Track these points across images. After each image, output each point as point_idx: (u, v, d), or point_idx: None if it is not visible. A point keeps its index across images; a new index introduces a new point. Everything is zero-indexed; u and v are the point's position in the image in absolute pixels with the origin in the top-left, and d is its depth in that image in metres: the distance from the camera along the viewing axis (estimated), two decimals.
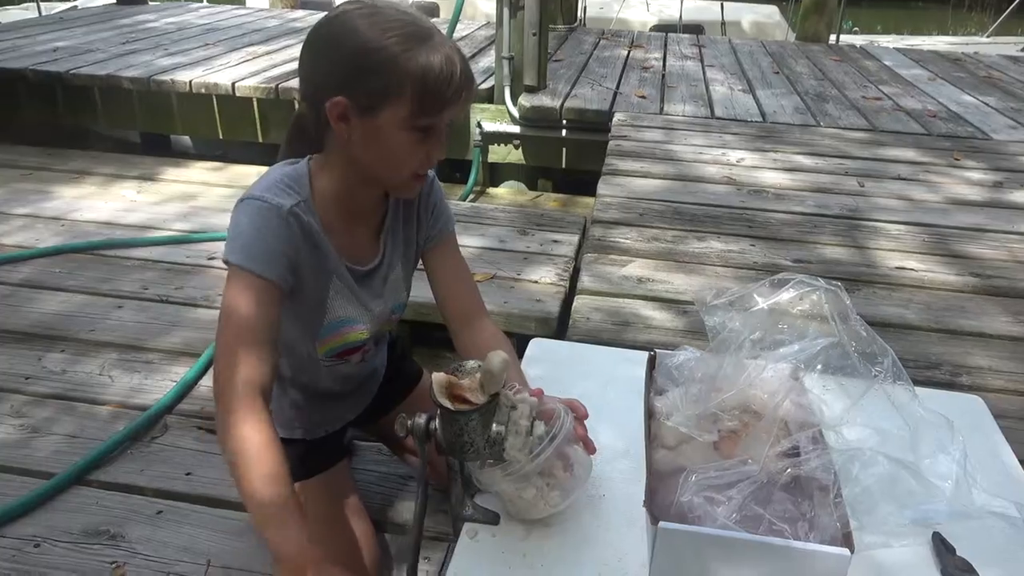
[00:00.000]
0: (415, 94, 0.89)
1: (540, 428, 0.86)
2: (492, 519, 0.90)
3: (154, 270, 2.28)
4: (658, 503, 0.90)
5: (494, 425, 0.85)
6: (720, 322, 1.01)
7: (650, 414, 1.03)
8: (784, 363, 0.98)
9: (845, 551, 0.79)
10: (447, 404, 0.81)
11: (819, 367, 0.96)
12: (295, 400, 1.20)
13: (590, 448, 0.93)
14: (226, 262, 0.93)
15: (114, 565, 1.30)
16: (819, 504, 0.87)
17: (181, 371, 1.79)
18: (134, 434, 1.58)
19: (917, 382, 0.96)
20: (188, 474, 1.49)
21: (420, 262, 1.18)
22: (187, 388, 1.74)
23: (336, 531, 1.19)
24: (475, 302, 1.16)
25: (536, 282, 2.17)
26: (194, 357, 1.85)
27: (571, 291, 2.22)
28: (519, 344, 2.07)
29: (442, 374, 0.83)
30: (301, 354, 1.11)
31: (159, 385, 1.75)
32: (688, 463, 0.98)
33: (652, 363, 1.12)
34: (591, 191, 3.16)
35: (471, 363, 0.87)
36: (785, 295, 0.96)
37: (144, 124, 3.74)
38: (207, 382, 1.78)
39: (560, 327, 2.03)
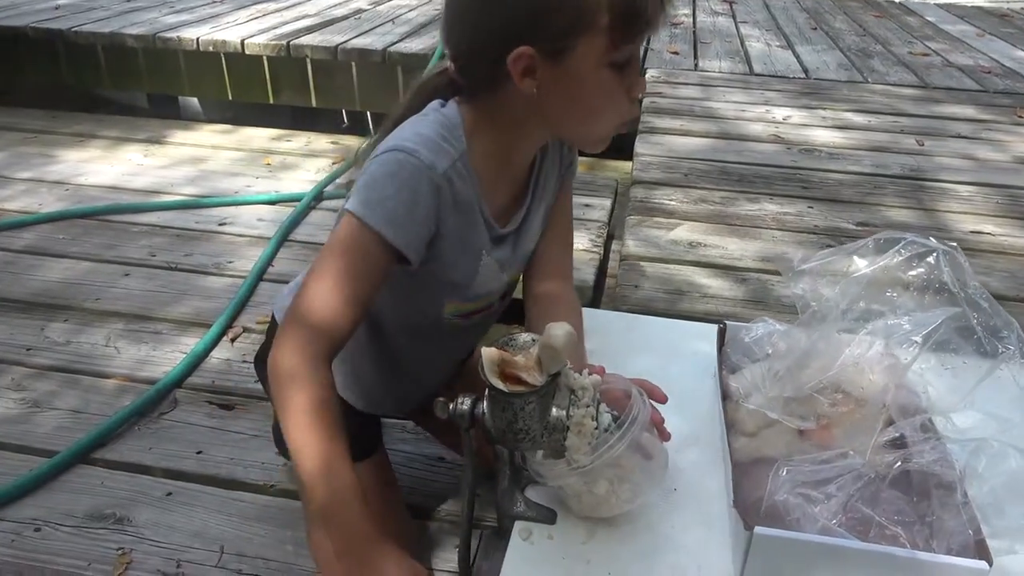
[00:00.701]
0: (613, 19, 0.73)
1: (607, 415, 0.73)
2: (548, 517, 0.77)
3: (162, 236, 2.18)
4: (741, 500, 0.77)
5: (553, 410, 0.71)
6: (809, 289, 0.87)
7: (724, 396, 0.89)
8: (887, 338, 0.84)
9: (983, 564, 0.66)
10: (500, 385, 0.67)
11: (920, 342, 0.82)
12: (396, 368, 1.05)
13: (664, 435, 0.79)
14: (349, 213, 0.77)
15: (120, 552, 1.20)
16: (941, 505, 0.73)
17: (191, 342, 1.69)
18: (141, 409, 1.48)
19: None
20: (199, 453, 1.39)
21: None
22: (198, 360, 1.64)
23: (383, 520, 1.06)
24: (566, 261, 1.02)
25: None
26: (205, 328, 1.74)
27: (605, 258, 2.08)
28: None
29: (493, 349, 0.69)
30: (420, 318, 0.97)
31: (168, 357, 1.65)
32: (772, 452, 0.85)
33: (722, 336, 0.98)
34: (618, 154, 2.99)
35: (524, 337, 0.74)
36: (893, 258, 0.81)
37: (150, 84, 3.60)
38: (219, 354, 1.67)
39: (595, 296, 1.90)
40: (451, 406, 0.73)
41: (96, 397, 1.53)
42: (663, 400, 0.80)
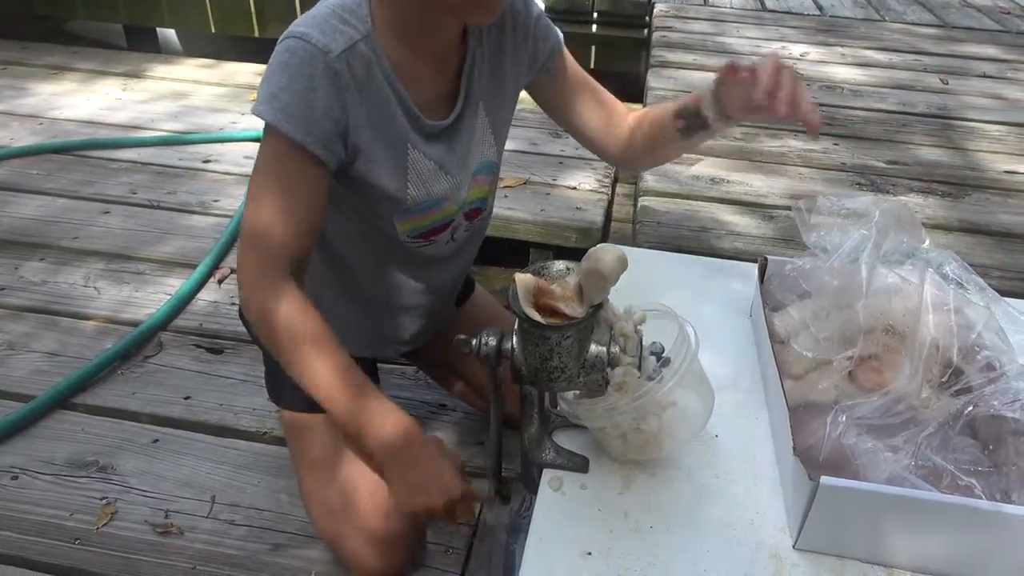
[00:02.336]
0: None
1: (651, 358, 0.64)
2: (580, 465, 0.69)
3: (143, 173, 2.06)
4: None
5: (592, 346, 0.63)
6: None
7: (770, 336, 0.81)
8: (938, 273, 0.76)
9: None
10: (536, 316, 0.58)
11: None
12: (365, 300, 0.98)
13: None
14: (257, 115, 0.73)
15: (104, 501, 1.12)
16: (1018, 453, 0.66)
17: (176, 283, 1.59)
18: (125, 352, 1.40)
19: None
20: (187, 398, 1.31)
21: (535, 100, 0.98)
22: (183, 302, 1.54)
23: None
24: (619, 106, 0.98)
25: (575, 188, 1.93)
26: (190, 268, 1.64)
27: (612, 198, 1.99)
28: (557, 257, 1.85)
29: (528, 275, 0.60)
30: (377, 239, 0.89)
31: (151, 298, 1.56)
32: (820, 397, 0.77)
33: (763, 271, 0.89)
34: (624, 95, 2.86)
35: (559, 265, 0.65)
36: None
37: (127, 14, 3.38)
38: (205, 296, 1.57)
39: (603, 239, 1.81)
40: (474, 342, 0.64)
41: (75, 339, 1.44)
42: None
